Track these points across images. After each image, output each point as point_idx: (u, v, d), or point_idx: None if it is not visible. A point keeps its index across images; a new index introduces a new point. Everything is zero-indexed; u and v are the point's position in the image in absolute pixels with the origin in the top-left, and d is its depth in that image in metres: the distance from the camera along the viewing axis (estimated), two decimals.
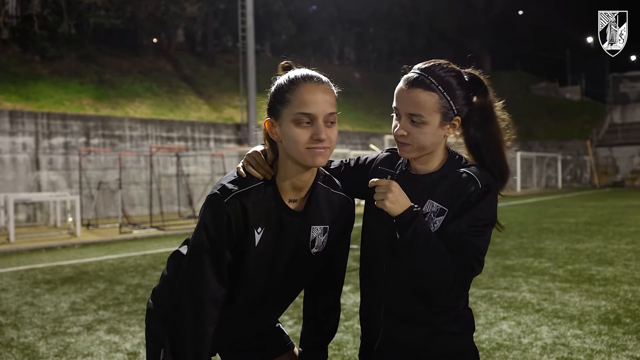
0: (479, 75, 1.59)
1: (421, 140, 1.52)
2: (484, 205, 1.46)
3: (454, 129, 1.55)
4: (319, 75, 1.48)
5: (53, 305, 5.39)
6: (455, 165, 1.56)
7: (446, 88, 1.51)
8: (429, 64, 1.54)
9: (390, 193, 1.43)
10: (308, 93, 1.42)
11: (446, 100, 1.50)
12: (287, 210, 1.51)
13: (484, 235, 1.47)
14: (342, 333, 4.31)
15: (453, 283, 1.42)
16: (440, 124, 1.52)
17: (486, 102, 1.58)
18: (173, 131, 16.47)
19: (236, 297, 1.53)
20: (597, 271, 6.47)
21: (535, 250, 8.12)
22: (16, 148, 13.33)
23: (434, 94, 1.50)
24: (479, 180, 1.47)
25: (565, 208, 16.10)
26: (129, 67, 19.87)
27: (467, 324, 1.60)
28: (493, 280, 6.08)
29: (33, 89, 15.73)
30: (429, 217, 1.50)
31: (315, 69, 1.54)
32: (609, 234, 9.79)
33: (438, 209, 1.50)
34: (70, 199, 11.59)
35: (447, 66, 1.55)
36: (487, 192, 1.47)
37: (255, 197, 1.46)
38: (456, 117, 1.54)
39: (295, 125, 1.41)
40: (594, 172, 29.85)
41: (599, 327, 4.28)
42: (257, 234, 1.47)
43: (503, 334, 4.22)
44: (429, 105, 1.50)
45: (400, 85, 1.54)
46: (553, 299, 5.23)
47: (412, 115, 1.51)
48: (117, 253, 8.88)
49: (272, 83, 1.52)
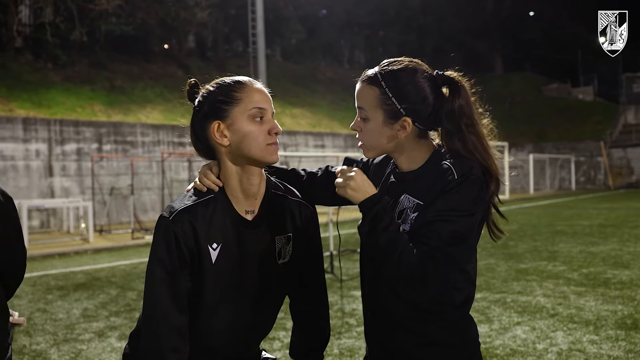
0: (454, 76, 1.46)
1: (370, 139, 1.47)
2: (456, 194, 1.36)
3: (405, 130, 1.44)
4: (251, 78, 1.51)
5: (65, 312, 5.41)
6: (440, 159, 1.45)
7: (390, 83, 1.42)
8: (389, 60, 1.48)
9: (352, 181, 1.38)
10: (258, 92, 1.44)
11: (388, 96, 1.42)
12: (243, 223, 1.46)
13: (453, 225, 1.34)
14: (355, 339, 4.28)
15: (411, 274, 1.32)
16: (385, 122, 1.44)
17: (456, 107, 1.43)
18: (185, 136, 16.45)
19: (209, 321, 1.46)
20: (613, 274, 6.37)
21: (549, 253, 8.02)
22: (30, 155, 13.46)
23: (375, 88, 1.44)
24: (454, 170, 1.37)
25: (579, 210, 15.91)
26: (140, 73, 20.02)
27: (464, 335, 1.48)
28: (506, 284, 6.01)
29: (46, 96, 15.89)
30: (405, 214, 1.43)
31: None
32: (624, 237, 9.64)
33: (414, 204, 1.43)
34: (83, 205, 11.68)
35: (408, 64, 1.46)
36: (463, 182, 1.36)
37: (204, 212, 1.41)
38: (404, 118, 1.43)
39: (252, 122, 1.41)
40: (608, 173, 29.51)
41: (616, 333, 4.21)
42: (213, 250, 1.41)
43: (517, 339, 4.16)
44: (370, 99, 1.45)
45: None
46: (568, 303, 5.16)
47: (358, 109, 1.48)
48: (129, 259, 8.92)
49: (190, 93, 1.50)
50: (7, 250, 1.86)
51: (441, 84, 1.47)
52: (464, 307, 1.48)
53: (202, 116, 1.45)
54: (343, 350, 4.04)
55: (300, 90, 24.76)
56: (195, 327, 1.45)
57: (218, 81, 1.48)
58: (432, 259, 1.33)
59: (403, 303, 1.46)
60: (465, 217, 1.37)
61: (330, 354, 3.96)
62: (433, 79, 1.46)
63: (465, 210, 1.37)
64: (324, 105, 24.65)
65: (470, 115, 1.44)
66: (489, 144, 1.47)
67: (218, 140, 1.43)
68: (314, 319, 1.68)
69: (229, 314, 1.47)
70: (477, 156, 1.42)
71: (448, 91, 1.46)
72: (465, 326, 1.50)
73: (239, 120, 1.41)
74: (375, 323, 1.54)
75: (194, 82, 1.50)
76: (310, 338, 1.67)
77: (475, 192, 1.38)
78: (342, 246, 8.79)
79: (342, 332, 4.44)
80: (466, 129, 1.43)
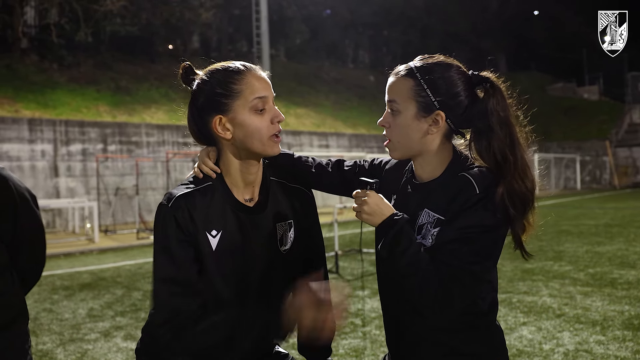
0: (490, 76, 1.42)
1: (399, 134, 1.42)
2: (477, 210, 1.31)
3: (436, 125, 1.40)
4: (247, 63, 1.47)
5: (71, 312, 5.42)
6: (459, 168, 1.41)
7: (425, 75, 1.39)
8: (424, 55, 1.46)
9: (365, 205, 1.35)
10: (256, 80, 1.42)
11: (422, 88, 1.39)
12: (244, 209, 1.45)
13: (476, 243, 1.30)
14: (360, 339, 4.27)
15: (434, 297, 1.28)
16: (417, 114, 1.39)
17: (489, 106, 1.38)
18: (189, 137, 16.52)
19: (214, 311, 1.41)
20: (620, 274, 6.34)
21: (555, 253, 7.99)
22: (35, 155, 13.51)
23: (409, 80, 1.41)
24: (476, 185, 1.33)
25: (585, 210, 15.85)
26: (144, 73, 20.07)
27: (492, 344, 1.45)
28: (512, 284, 5.98)
29: (51, 97, 15.95)
30: (425, 229, 1.39)
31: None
32: (630, 236, 9.59)
33: (435, 219, 1.38)
34: (88, 205, 11.71)
35: (440, 58, 1.44)
36: (485, 197, 1.32)
37: (201, 200, 1.40)
38: (437, 111, 1.39)
39: (254, 114, 1.40)
40: (613, 172, 29.37)
41: (623, 333, 4.18)
42: (212, 237, 1.40)
43: (523, 339, 4.14)
44: (403, 91, 1.41)
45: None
46: (574, 303, 5.13)
47: (389, 102, 1.44)
48: (134, 259, 8.94)
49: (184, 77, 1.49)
50: (35, 247, 1.87)
51: (476, 84, 1.44)
52: (490, 315, 1.46)
53: (201, 107, 1.44)
54: (348, 351, 4.03)
55: (304, 90, 24.76)
56: (201, 320, 1.40)
57: (213, 69, 1.45)
58: (456, 280, 1.29)
59: (429, 320, 1.42)
60: (489, 233, 1.33)
61: (336, 354, 3.96)
62: (468, 78, 1.43)
63: (488, 226, 1.33)
64: (328, 105, 24.63)
65: (505, 116, 1.39)
66: (524, 149, 1.41)
67: (221, 134, 1.42)
68: None
69: (234, 304, 1.45)
70: (499, 157, 1.36)
71: (483, 92, 1.43)
72: (493, 334, 1.47)
73: (240, 114, 1.40)
74: (398, 336, 1.51)
75: (188, 65, 1.49)
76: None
77: (496, 204, 1.33)
78: (346, 246, 8.78)
79: (348, 333, 4.44)
80: (496, 128, 1.38)
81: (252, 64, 1.48)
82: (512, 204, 1.33)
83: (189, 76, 1.49)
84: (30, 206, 1.83)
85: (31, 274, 1.91)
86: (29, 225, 1.82)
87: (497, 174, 1.36)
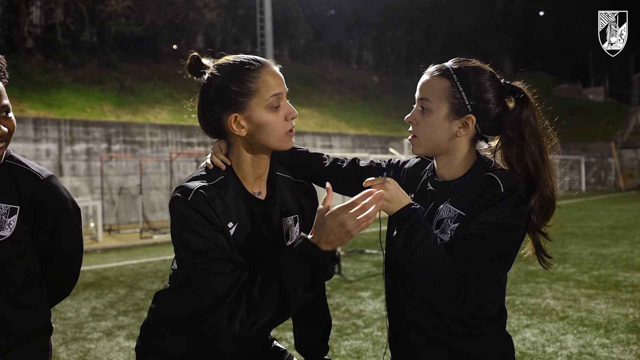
0: (522, 86, 1.45)
1: (426, 132, 1.42)
2: (501, 208, 1.32)
3: (466, 128, 1.42)
4: (260, 57, 1.45)
5: (74, 311, 5.43)
6: (483, 170, 1.43)
7: (461, 77, 1.41)
8: (461, 58, 1.47)
9: (386, 191, 1.33)
10: (271, 76, 1.40)
11: (457, 90, 1.40)
12: (256, 202, 1.45)
13: (495, 241, 1.31)
14: (362, 340, 4.26)
15: (450, 289, 1.27)
16: (449, 115, 1.41)
17: (522, 116, 1.41)
18: (193, 137, 16.60)
19: None
20: (624, 277, 6.30)
21: (559, 255, 7.95)
22: (40, 154, 13.56)
23: (445, 80, 1.42)
24: (501, 184, 1.34)
25: (590, 211, 15.77)
26: (149, 73, 20.11)
27: (501, 352, 1.45)
28: (515, 286, 5.96)
29: (56, 97, 16.00)
30: (445, 224, 1.40)
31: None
32: (635, 239, 9.54)
33: (455, 214, 1.39)
34: (92, 205, 11.75)
35: (477, 63, 1.46)
36: (509, 196, 1.33)
37: (218, 193, 1.38)
38: (469, 115, 1.41)
39: (270, 111, 1.39)
40: (618, 174, 29.24)
41: (627, 336, 4.15)
42: (229, 229, 1.39)
43: (527, 342, 4.12)
44: (437, 89, 1.41)
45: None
46: (578, 306, 5.10)
47: (421, 100, 1.44)
48: (137, 258, 8.95)
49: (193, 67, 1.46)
50: (70, 262, 1.77)
51: (507, 93, 1.46)
52: (499, 321, 1.46)
53: (213, 102, 1.42)
54: (350, 352, 4.02)
55: (308, 90, 24.75)
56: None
57: (225, 63, 1.43)
58: (473, 274, 1.29)
59: (440, 319, 1.42)
60: (509, 233, 1.34)
61: (337, 355, 3.94)
62: (500, 86, 1.45)
63: (510, 225, 1.34)
64: (332, 106, 24.62)
65: (535, 127, 1.42)
66: (550, 159, 1.44)
67: (235, 132, 1.41)
68: (314, 312, 1.65)
69: None
70: (531, 167, 1.39)
71: (514, 101, 1.45)
72: (503, 343, 1.47)
73: (256, 112, 1.39)
74: (404, 337, 1.51)
75: (197, 56, 1.47)
76: (313, 332, 1.66)
77: (521, 207, 1.35)
78: (349, 247, 8.76)
79: (349, 334, 4.43)
80: (529, 138, 1.40)
81: (264, 58, 1.46)
82: (541, 211, 1.39)
83: (197, 68, 1.47)
84: (72, 219, 1.72)
85: (61, 289, 1.80)
86: (67, 239, 1.72)
87: (525, 181, 1.39)
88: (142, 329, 1.55)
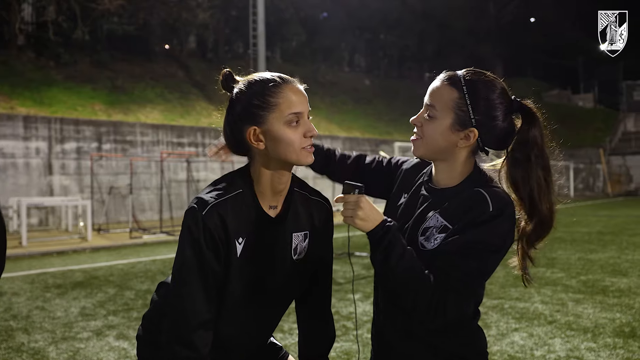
0: (531, 106, 1.43)
1: (429, 136, 1.43)
2: (488, 228, 1.32)
3: (467, 141, 1.42)
4: (285, 75, 1.48)
5: (63, 310, 5.40)
6: (477, 183, 1.43)
7: (471, 90, 1.40)
8: (474, 69, 1.46)
9: (359, 210, 1.32)
10: (294, 93, 1.43)
11: (465, 103, 1.40)
12: (267, 218, 1.49)
13: (479, 260, 1.32)
14: (352, 342, 4.28)
15: (429, 304, 1.29)
16: (452, 126, 1.41)
17: (529, 137, 1.40)
18: (184, 137, 16.54)
19: (232, 314, 1.49)
20: (611, 282, 6.38)
21: (548, 260, 8.03)
22: (29, 153, 13.45)
23: (454, 90, 1.41)
24: (491, 202, 1.34)
25: (578, 217, 15.93)
26: (141, 73, 20.02)
27: (476, 347, 1.49)
28: (504, 290, 6.01)
29: (47, 95, 15.89)
30: (430, 232, 1.41)
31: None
32: (622, 244, 9.65)
33: (442, 225, 1.40)
34: (82, 204, 11.67)
35: (490, 77, 1.45)
36: (497, 216, 1.33)
37: (233, 207, 1.43)
38: (472, 128, 1.41)
39: (288, 127, 1.41)
40: (607, 180, 29.53)
41: (614, 340, 4.21)
42: (239, 244, 1.43)
43: (515, 345, 4.16)
44: (445, 99, 1.41)
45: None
46: (566, 310, 5.16)
47: (428, 106, 1.45)
48: (127, 258, 8.91)
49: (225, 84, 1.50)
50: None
51: (515, 110, 1.45)
52: (473, 319, 1.49)
53: (238, 116, 1.46)
54: (340, 354, 4.04)
55: None
56: (217, 319, 1.47)
57: (252, 80, 1.47)
58: (453, 290, 1.30)
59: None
60: (493, 254, 1.35)
61: None
62: (510, 102, 1.44)
63: (495, 246, 1.35)
64: (323, 108, 24.65)
65: (542, 148, 1.42)
66: (554, 181, 1.45)
67: (254, 145, 1.44)
68: (320, 324, 1.70)
69: (251, 307, 1.51)
70: (535, 190, 1.39)
71: (521, 119, 1.44)
72: (477, 338, 1.50)
73: (275, 127, 1.41)
74: (383, 331, 1.55)
75: (229, 72, 1.51)
76: (318, 343, 1.70)
77: (507, 229, 1.36)
78: (338, 249, 8.76)
79: (339, 336, 4.44)
80: (535, 159, 1.41)
81: (290, 77, 1.49)
82: (536, 233, 1.41)
83: (229, 83, 1.51)
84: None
85: None
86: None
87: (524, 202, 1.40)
88: (144, 318, 1.63)
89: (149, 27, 20.74)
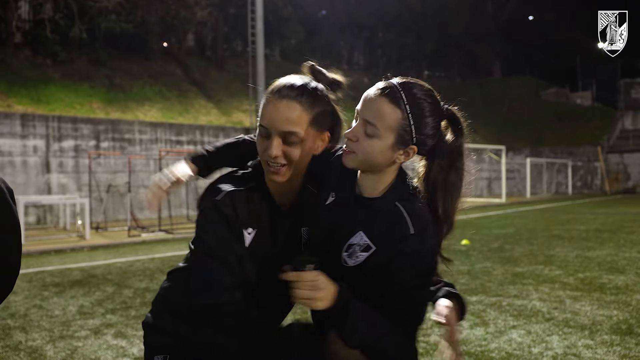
0: (458, 114, 1.44)
1: (366, 154, 1.37)
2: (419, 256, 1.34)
3: (407, 157, 1.40)
4: (296, 88, 1.43)
5: (61, 309, 5.40)
6: (399, 194, 1.41)
7: (414, 110, 1.35)
8: (409, 80, 1.40)
9: (319, 292, 1.24)
10: (267, 107, 1.42)
11: (408, 123, 1.35)
12: (278, 212, 1.51)
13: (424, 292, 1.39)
14: None
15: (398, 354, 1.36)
16: (393, 146, 1.37)
17: (457, 145, 1.43)
18: (182, 135, 16.53)
19: (243, 305, 1.50)
20: (609, 280, 6.39)
21: (545, 257, 8.04)
22: (27, 151, 13.43)
23: (398, 111, 1.35)
24: (410, 223, 1.35)
25: (576, 215, 15.95)
26: (139, 71, 19.99)
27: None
28: (502, 287, 6.02)
29: (44, 93, 15.86)
30: (353, 249, 1.39)
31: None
32: (620, 242, 9.67)
33: (365, 244, 1.38)
34: (80, 202, 11.66)
35: (428, 90, 1.40)
36: (422, 240, 1.34)
37: (246, 198, 1.47)
38: (412, 146, 1.39)
39: (260, 137, 1.45)
40: (604, 178, 29.59)
41: (611, 337, 4.22)
42: (248, 234, 1.47)
43: (513, 343, 4.17)
44: (388, 120, 1.35)
45: (369, 90, 1.40)
46: (564, 307, 5.17)
47: (367, 123, 1.37)
48: (125, 256, 8.91)
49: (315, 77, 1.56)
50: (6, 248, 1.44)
51: (445, 118, 1.44)
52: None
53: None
54: None
55: None
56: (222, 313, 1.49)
57: None
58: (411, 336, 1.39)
59: None
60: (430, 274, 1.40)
61: None
62: (441, 112, 1.42)
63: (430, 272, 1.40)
64: None
65: (462, 156, 1.45)
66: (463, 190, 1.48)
67: None
68: None
69: (250, 298, 1.52)
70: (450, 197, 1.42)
71: (450, 127, 1.45)
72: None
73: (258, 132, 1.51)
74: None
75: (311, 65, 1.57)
76: None
77: (433, 244, 1.38)
78: None
79: None
80: (458, 166, 1.43)
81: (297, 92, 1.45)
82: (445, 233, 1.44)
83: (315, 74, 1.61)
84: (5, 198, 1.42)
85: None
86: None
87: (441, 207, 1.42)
88: (153, 304, 1.65)
89: (147, 25, 20.70)
